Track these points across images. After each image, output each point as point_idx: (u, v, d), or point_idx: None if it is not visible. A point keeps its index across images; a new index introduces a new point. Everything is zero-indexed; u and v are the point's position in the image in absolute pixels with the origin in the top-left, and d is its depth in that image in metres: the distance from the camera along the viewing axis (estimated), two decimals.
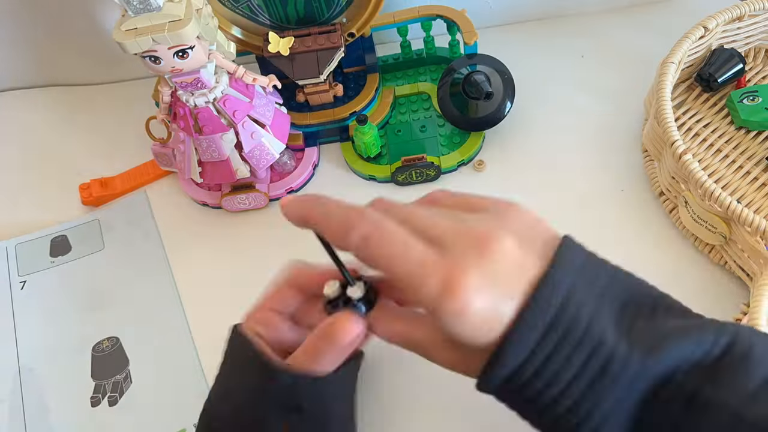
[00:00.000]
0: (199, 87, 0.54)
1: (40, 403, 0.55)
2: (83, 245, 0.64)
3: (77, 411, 0.54)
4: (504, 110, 0.62)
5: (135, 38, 0.48)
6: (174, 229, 0.64)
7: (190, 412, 0.52)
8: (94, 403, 0.54)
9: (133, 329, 0.58)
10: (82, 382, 0.56)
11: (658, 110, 0.55)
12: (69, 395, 0.55)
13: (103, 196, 0.66)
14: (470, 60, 0.63)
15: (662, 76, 0.57)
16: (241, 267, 0.61)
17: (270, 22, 0.63)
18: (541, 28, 0.73)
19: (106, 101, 0.76)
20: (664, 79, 0.56)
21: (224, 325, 0.56)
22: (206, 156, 0.58)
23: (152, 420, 0.53)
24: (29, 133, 0.74)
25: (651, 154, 0.59)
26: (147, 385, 0.55)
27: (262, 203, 0.63)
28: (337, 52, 0.61)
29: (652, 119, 0.57)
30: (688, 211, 0.54)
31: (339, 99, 0.66)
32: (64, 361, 0.57)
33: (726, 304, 0.53)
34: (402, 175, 0.62)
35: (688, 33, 0.59)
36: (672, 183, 0.56)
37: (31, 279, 0.62)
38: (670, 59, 0.58)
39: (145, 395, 0.55)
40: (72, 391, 0.55)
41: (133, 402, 0.54)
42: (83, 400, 0.55)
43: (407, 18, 0.64)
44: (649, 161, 0.60)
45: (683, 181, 0.54)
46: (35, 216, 0.67)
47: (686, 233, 0.56)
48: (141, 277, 0.61)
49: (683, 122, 0.62)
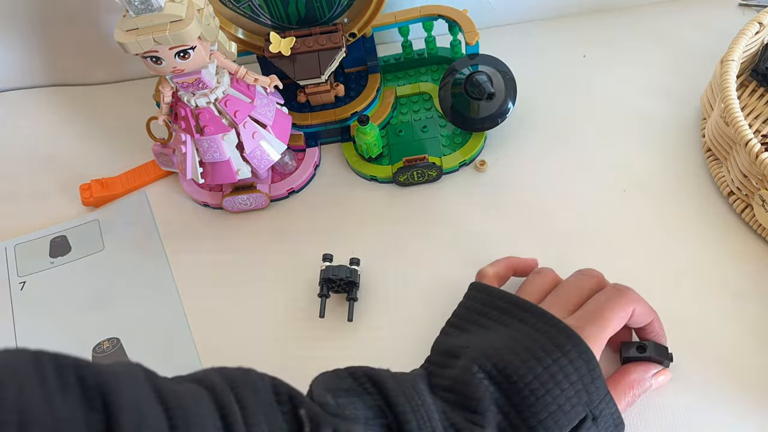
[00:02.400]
0: (201, 87, 0.54)
1: None
2: (83, 246, 0.64)
3: None
4: (506, 110, 0.61)
5: (136, 38, 0.48)
6: (174, 230, 0.64)
7: None
8: None
9: (134, 330, 0.58)
10: None
11: (726, 110, 0.54)
12: None
13: (104, 196, 0.66)
14: (472, 60, 0.63)
15: (725, 74, 0.56)
16: (242, 268, 0.61)
17: (271, 22, 0.63)
18: (542, 28, 0.73)
19: (107, 101, 0.76)
20: (727, 77, 0.55)
21: (225, 326, 0.57)
22: (207, 156, 0.58)
23: None
24: (30, 133, 0.74)
25: (716, 154, 0.58)
26: None
27: (264, 204, 0.63)
28: (338, 52, 0.60)
29: (717, 119, 0.56)
30: (767, 210, 0.53)
31: (340, 99, 0.66)
32: None
33: None
34: (403, 176, 0.62)
35: (744, 29, 0.58)
36: (745, 182, 0.55)
37: (31, 279, 0.62)
38: (730, 56, 0.57)
39: None
40: None
41: None
42: None
43: (409, 18, 0.64)
44: (714, 161, 0.59)
45: (758, 180, 0.53)
46: (35, 216, 0.67)
47: (764, 232, 0.55)
48: (141, 277, 0.61)
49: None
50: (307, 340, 0.56)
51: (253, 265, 0.61)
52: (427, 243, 0.59)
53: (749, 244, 0.56)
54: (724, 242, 0.56)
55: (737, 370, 0.49)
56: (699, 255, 0.55)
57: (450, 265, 0.57)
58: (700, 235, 0.57)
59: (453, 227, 0.60)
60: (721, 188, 0.58)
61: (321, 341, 0.56)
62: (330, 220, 0.62)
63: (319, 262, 0.57)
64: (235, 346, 0.56)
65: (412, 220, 0.61)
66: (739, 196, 0.57)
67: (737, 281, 0.54)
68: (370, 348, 0.54)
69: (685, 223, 0.57)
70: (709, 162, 0.60)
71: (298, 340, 0.56)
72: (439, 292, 0.55)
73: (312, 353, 0.54)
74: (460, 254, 0.58)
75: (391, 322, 0.56)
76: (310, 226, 0.62)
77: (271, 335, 0.56)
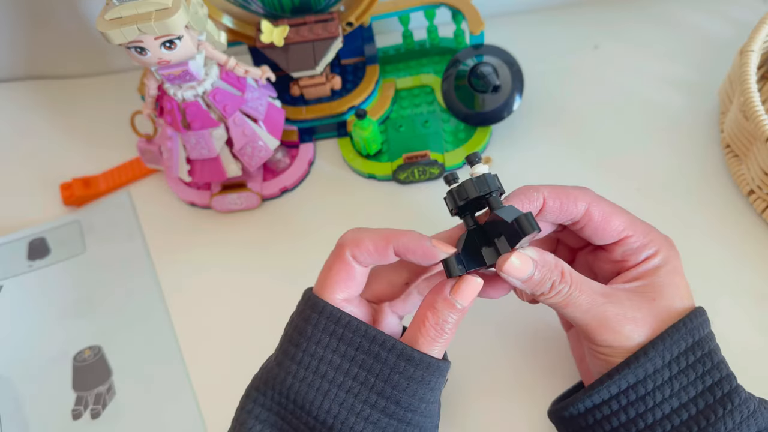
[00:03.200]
0: (188, 80, 0.54)
1: (19, 416, 0.54)
2: (63, 248, 0.63)
3: (58, 424, 0.53)
4: (512, 104, 0.61)
5: (120, 28, 0.47)
6: (160, 232, 0.64)
7: (176, 424, 0.52)
8: (76, 416, 0.54)
9: (117, 338, 0.57)
10: (63, 394, 0.55)
11: (746, 103, 0.52)
12: (49, 408, 0.54)
13: (86, 195, 0.65)
14: (476, 51, 0.62)
15: (744, 66, 0.54)
16: (231, 271, 0.60)
17: (263, 10, 0.62)
18: (551, 17, 0.73)
19: (89, 95, 0.75)
20: (746, 69, 0.54)
21: (212, 333, 0.57)
22: (195, 153, 0.58)
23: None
24: (5, 129, 0.74)
25: (735, 150, 0.57)
26: (131, 396, 0.54)
27: (255, 203, 0.63)
28: (334, 42, 0.60)
29: (736, 113, 0.55)
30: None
31: (336, 92, 0.65)
32: (43, 371, 0.56)
33: None
34: (404, 174, 0.61)
35: (764, 18, 0.57)
36: (766, 180, 0.53)
37: (8, 284, 0.61)
38: (749, 47, 0.55)
39: (130, 407, 0.54)
40: (52, 403, 0.54)
41: (118, 414, 0.53)
42: (64, 413, 0.54)
43: (409, 6, 0.64)
44: (733, 157, 0.58)
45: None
46: (11, 217, 0.66)
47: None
48: (124, 282, 0.60)
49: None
50: None
51: (244, 268, 0.60)
52: None
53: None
54: (744, 242, 0.55)
55: (763, 379, 0.47)
56: (717, 257, 0.54)
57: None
58: (718, 235, 0.55)
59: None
60: (741, 186, 0.57)
61: None
62: (325, 221, 0.61)
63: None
64: (224, 354, 0.55)
65: (413, 220, 0.60)
66: (760, 195, 0.55)
67: (761, 285, 0.52)
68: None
69: (703, 224, 0.56)
70: (728, 158, 0.58)
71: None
72: None
73: None
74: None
75: None
76: (304, 227, 0.62)
77: (261, 342, 0.54)
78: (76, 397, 0.54)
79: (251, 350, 0.54)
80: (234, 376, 0.46)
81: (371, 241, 0.39)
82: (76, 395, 0.54)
